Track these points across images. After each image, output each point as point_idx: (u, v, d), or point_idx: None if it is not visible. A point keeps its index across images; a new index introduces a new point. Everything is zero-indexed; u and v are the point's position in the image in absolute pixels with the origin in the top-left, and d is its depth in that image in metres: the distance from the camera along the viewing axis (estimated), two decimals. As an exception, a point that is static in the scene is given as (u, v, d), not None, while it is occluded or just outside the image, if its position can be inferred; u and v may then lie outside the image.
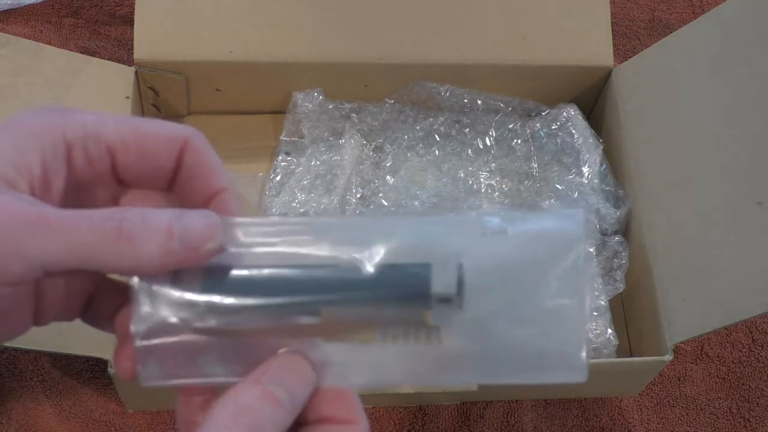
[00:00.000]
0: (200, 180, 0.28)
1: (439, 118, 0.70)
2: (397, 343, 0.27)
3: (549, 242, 0.26)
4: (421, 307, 0.26)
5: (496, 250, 0.27)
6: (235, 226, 0.27)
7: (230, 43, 0.65)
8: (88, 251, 0.24)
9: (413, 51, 0.66)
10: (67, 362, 0.62)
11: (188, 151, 0.28)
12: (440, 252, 0.27)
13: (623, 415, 0.64)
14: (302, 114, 0.68)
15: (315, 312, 0.26)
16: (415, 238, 0.27)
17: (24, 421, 0.60)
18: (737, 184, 0.56)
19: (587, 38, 0.68)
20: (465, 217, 0.28)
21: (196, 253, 0.26)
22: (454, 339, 0.27)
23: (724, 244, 0.55)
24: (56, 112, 0.27)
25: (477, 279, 0.26)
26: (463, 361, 0.27)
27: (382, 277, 0.26)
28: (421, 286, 0.26)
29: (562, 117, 0.69)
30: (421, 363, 0.27)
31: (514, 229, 0.27)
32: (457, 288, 0.26)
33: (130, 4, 0.73)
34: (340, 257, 0.27)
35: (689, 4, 0.83)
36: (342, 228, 0.27)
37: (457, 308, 0.26)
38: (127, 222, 0.25)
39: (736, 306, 0.53)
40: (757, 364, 0.67)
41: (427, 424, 0.63)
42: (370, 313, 0.26)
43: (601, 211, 0.65)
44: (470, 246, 0.27)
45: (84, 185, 0.28)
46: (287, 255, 0.27)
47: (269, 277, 0.27)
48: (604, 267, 0.64)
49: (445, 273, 0.26)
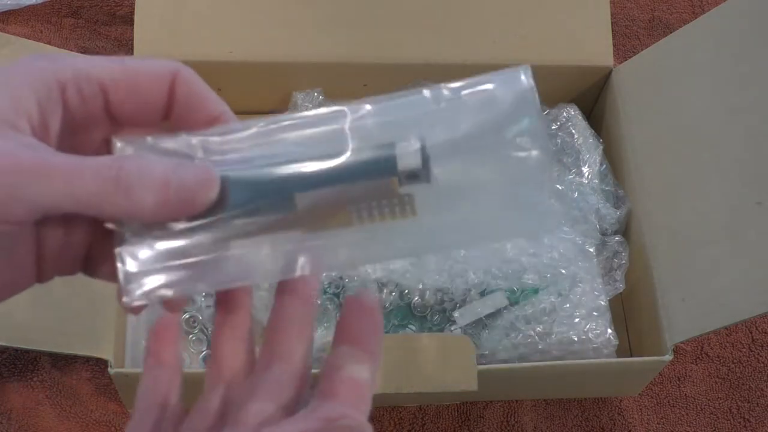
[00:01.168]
0: (196, 110, 0.29)
1: (439, 118, 0.70)
2: (374, 221, 0.27)
3: (503, 99, 0.27)
4: (390, 179, 0.27)
5: (454, 117, 0.28)
6: (210, 135, 0.28)
7: (230, 43, 0.65)
8: (86, 197, 0.25)
9: (413, 51, 0.66)
10: (67, 362, 0.62)
11: (179, 83, 0.29)
12: (403, 128, 0.28)
13: (623, 415, 0.64)
14: (302, 114, 0.68)
15: (291, 205, 0.27)
16: (378, 117, 0.28)
17: (24, 421, 0.60)
18: (737, 184, 0.56)
19: (587, 38, 0.68)
20: (418, 92, 0.28)
21: (191, 205, 0.26)
22: (429, 209, 0.27)
23: (724, 244, 0.55)
24: (46, 58, 0.27)
25: (440, 148, 0.27)
26: (440, 230, 0.28)
27: (351, 161, 0.27)
28: (388, 164, 0.27)
29: (562, 117, 0.69)
30: (400, 237, 0.28)
31: (466, 92, 0.28)
32: (422, 161, 0.27)
33: (130, 4, 0.73)
34: (308, 147, 0.27)
35: (689, 4, 0.83)
36: (308, 121, 0.28)
37: (426, 181, 0.27)
38: (125, 171, 0.26)
39: (736, 306, 0.53)
40: (757, 364, 0.67)
41: (427, 424, 0.63)
42: (342, 196, 0.27)
43: (601, 211, 0.65)
44: (430, 117, 0.28)
45: (79, 125, 0.28)
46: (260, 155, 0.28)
47: (243, 178, 0.27)
48: (604, 267, 0.64)
49: (408, 148, 0.27)
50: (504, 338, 0.60)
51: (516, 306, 0.60)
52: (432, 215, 0.28)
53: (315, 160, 0.27)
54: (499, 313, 0.60)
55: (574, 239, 0.63)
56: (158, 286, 0.27)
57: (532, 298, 0.61)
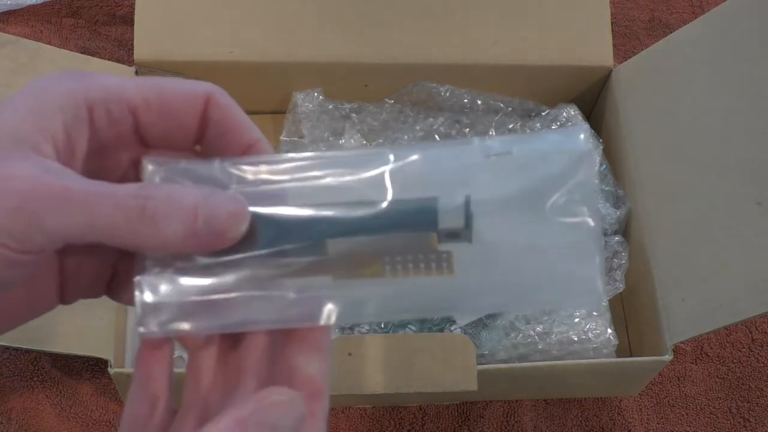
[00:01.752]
0: (230, 135, 0.27)
1: (439, 118, 0.70)
2: (408, 275, 0.26)
3: (555, 159, 0.26)
4: (429, 234, 0.26)
5: (502, 173, 0.26)
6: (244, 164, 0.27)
7: (230, 43, 0.65)
8: (110, 228, 0.24)
9: (413, 51, 0.66)
10: (67, 362, 0.62)
11: (213, 107, 0.27)
12: (446, 179, 0.26)
13: (623, 415, 0.64)
14: (302, 114, 0.68)
15: (322, 250, 0.26)
16: (421, 165, 0.26)
17: (24, 421, 0.60)
18: (737, 184, 0.56)
19: (587, 38, 0.68)
20: (467, 142, 0.26)
21: (220, 239, 0.25)
22: (466, 267, 0.26)
23: (724, 244, 0.55)
24: (75, 76, 0.26)
25: (485, 205, 0.26)
26: (476, 291, 0.26)
27: (389, 212, 0.26)
28: (429, 221, 0.25)
29: (562, 117, 0.69)
30: (434, 295, 0.26)
31: (518, 148, 0.26)
32: (465, 221, 0.25)
33: (130, 4, 0.73)
34: (346, 191, 0.26)
35: (689, 4, 0.83)
36: (349, 161, 0.27)
37: (467, 241, 0.26)
38: (153, 201, 0.24)
39: (736, 306, 0.53)
40: (757, 364, 0.67)
41: (427, 424, 0.63)
42: (378, 246, 0.26)
43: (601, 211, 0.65)
44: (475, 170, 0.26)
45: (107, 147, 0.27)
46: (294, 192, 0.26)
47: (276, 215, 0.26)
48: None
49: (451, 206, 0.25)
50: (504, 338, 0.60)
51: (516, 306, 0.60)
52: (469, 275, 0.26)
53: (352, 205, 0.26)
54: (499, 313, 0.60)
55: (574, 239, 0.63)
56: (176, 320, 0.26)
57: (532, 298, 0.60)
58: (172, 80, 0.27)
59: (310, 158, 0.27)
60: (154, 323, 0.26)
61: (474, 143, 0.26)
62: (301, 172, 0.26)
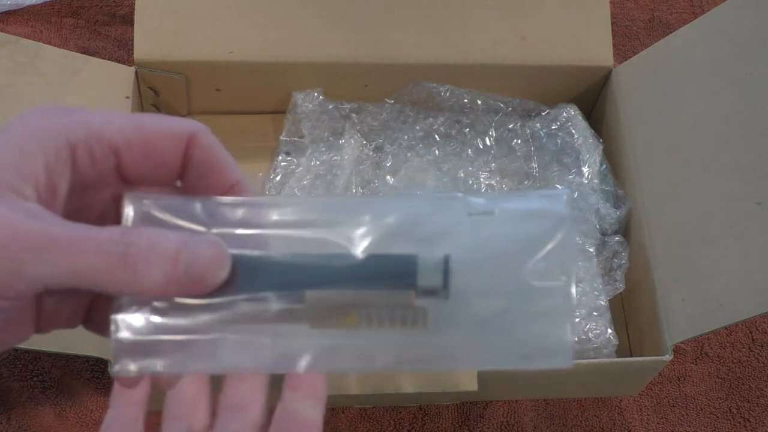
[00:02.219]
0: (212, 176, 0.28)
1: (439, 118, 0.70)
2: (383, 328, 0.26)
3: (535, 222, 0.26)
4: (407, 291, 0.26)
5: (482, 232, 0.26)
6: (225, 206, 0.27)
7: (230, 43, 0.65)
8: (91, 275, 0.24)
9: (413, 51, 0.66)
10: (67, 362, 0.62)
11: (195, 146, 0.27)
12: (427, 234, 0.26)
13: (623, 415, 0.64)
14: (302, 114, 0.68)
15: (300, 298, 0.26)
16: (402, 219, 0.27)
17: (24, 421, 0.60)
18: (737, 184, 0.56)
19: (587, 38, 0.68)
20: (451, 196, 0.27)
21: (200, 285, 0.25)
22: (441, 324, 0.26)
23: (724, 244, 0.55)
24: (57, 113, 0.26)
25: (463, 263, 0.26)
26: (449, 347, 0.27)
27: (368, 266, 0.26)
28: (407, 278, 0.26)
29: (562, 117, 0.69)
30: (407, 348, 0.27)
31: (500, 208, 0.27)
32: (443, 280, 0.26)
33: (130, 4, 0.73)
34: (326, 241, 0.26)
35: (689, 4, 0.83)
36: (331, 209, 0.27)
37: (444, 298, 0.26)
38: (134, 248, 0.24)
39: (736, 306, 0.53)
40: (757, 364, 0.67)
41: (427, 424, 0.63)
42: (355, 299, 0.26)
43: (601, 211, 0.65)
44: (456, 227, 0.27)
45: (88, 185, 0.27)
46: (275, 238, 0.27)
47: (255, 264, 0.26)
48: (604, 267, 0.64)
49: (431, 264, 0.26)
50: (504, 338, 0.60)
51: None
52: (443, 330, 0.26)
53: (332, 257, 0.26)
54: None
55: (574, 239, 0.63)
56: (150, 359, 0.26)
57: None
58: (155, 117, 0.27)
59: (293, 203, 0.27)
60: (128, 361, 0.26)
61: (457, 199, 0.27)
62: (283, 218, 0.27)
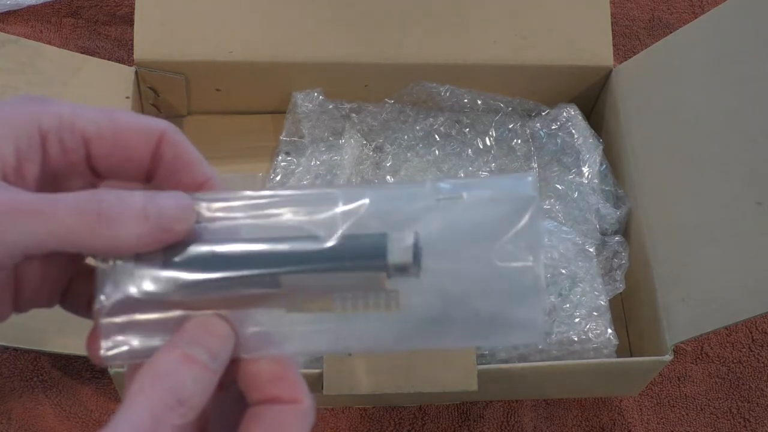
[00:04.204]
0: (182, 173, 0.28)
1: (439, 118, 0.70)
2: (357, 310, 0.27)
3: (503, 204, 0.27)
4: (379, 274, 0.27)
5: (451, 215, 0.27)
6: (198, 201, 0.28)
7: (230, 43, 0.65)
8: (68, 233, 0.25)
9: (413, 51, 0.66)
10: (67, 362, 0.62)
11: (166, 144, 0.28)
12: (397, 220, 0.27)
13: (623, 415, 0.64)
14: (302, 114, 0.68)
15: (275, 282, 0.27)
16: (373, 206, 0.27)
17: (24, 421, 0.60)
18: (737, 184, 0.56)
19: (587, 38, 0.68)
20: (420, 184, 0.28)
21: (170, 234, 0.26)
22: (413, 304, 0.27)
23: (724, 244, 0.55)
24: (32, 102, 0.27)
25: (433, 245, 0.27)
26: (422, 327, 0.28)
27: (340, 248, 0.27)
28: (378, 256, 0.26)
29: (562, 117, 0.69)
30: (382, 331, 0.27)
31: (468, 193, 0.27)
32: (413, 257, 0.26)
33: (130, 4, 0.73)
34: (298, 228, 0.27)
35: (689, 4, 0.83)
36: (302, 200, 0.28)
37: (415, 276, 0.27)
38: (107, 203, 0.25)
39: (736, 306, 0.53)
40: (757, 364, 0.67)
41: (427, 424, 0.63)
42: (328, 282, 0.27)
43: (601, 211, 0.65)
44: (426, 213, 0.27)
45: (59, 175, 0.28)
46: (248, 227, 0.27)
47: (229, 249, 0.27)
48: (604, 267, 0.64)
49: (401, 242, 0.26)
50: (504, 338, 0.60)
51: (516, 306, 0.60)
52: (416, 311, 0.27)
53: (305, 241, 0.27)
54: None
55: (574, 239, 0.63)
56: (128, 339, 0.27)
57: (532, 298, 0.60)
58: (128, 113, 0.28)
59: (264, 197, 0.28)
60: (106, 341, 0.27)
61: (425, 186, 0.28)
62: (254, 210, 0.28)
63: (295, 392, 0.27)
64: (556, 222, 0.65)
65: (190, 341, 0.26)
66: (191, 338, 0.26)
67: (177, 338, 0.26)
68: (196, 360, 0.26)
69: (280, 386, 0.27)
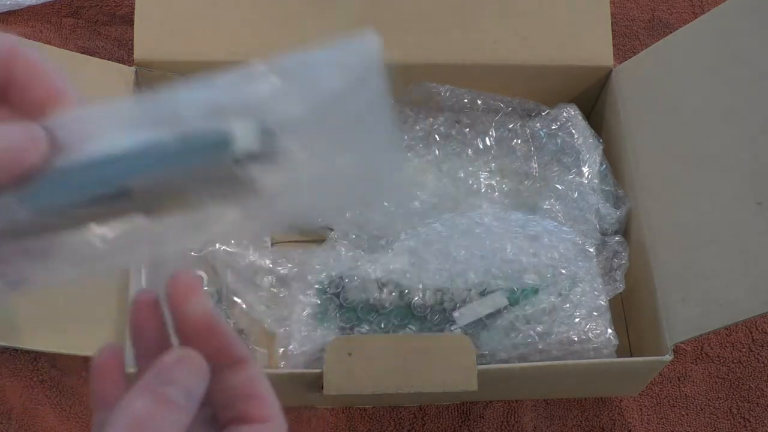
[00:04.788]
0: (34, 87, 0.27)
1: (439, 118, 0.70)
2: (217, 203, 0.26)
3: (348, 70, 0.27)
4: (227, 163, 0.26)
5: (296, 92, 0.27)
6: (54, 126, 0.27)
7: (230, 43, 0.65)
8: None
9: (413, 51, 0.66)
10: (67, 362, 0.62)
11: (17, 60, 0.27)
12: (241, 105, 0.26)
13: (623, 415, 0.64)
14: (302, 114, 0.68)
15: (126, 190, 0.26)
16: (214, 96, 0.27)
17: (24, 421, 0.60)
18: (737, 184, 0.56)
19: (587, 38, 0.68)
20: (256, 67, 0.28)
21: (20, 165, 0.25)
22: (271, 188, 0.26)
23: (724, 244, 0.55)
24: None
25: (283, 127, 0.26)
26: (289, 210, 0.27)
27: (185, 144, 0.26)
28: (221, 144, 0.26)
29: (562, 117, 0.69)
30: (247, 219, 0.27)
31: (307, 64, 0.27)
32: (263, 142, 0.26)
33: (130, 4, 0.73)
34: (140, 131, 0.26)
35: (689, 4, 0.83)
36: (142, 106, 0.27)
37: (271, 163, 0.26)
38: None
39: (736, 306, 0.53)
40: (757, 364, 0.67)
41: (427, 424, 0.63)
42: (181, 180, 0.26)
43: (601, 211, 0.65)
44: (270, 93, 0.27)
45: None
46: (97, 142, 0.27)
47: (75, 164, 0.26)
48: (604, 267, 0.64)
49: (246, 130, 0.26)
50: (504, 338, 0.60)
51: (516, 306, 0.60)
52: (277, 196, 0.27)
53: (146, 144, 0.26)
54: (498, 313, 0.60)
55: (574, 239, 0.63)
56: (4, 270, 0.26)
57: (532, 298, 0.61)
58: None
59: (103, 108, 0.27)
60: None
61: (261, 67, 0.27)
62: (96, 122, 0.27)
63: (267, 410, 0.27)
64: (556, 222, 0.65)
65: (165, 380, 0.26)
66: (166, 377, 0.26)
67: (151, 377, 0.26)
68: (171, 402, 0.25)
69: (252, 405, 0.27)
